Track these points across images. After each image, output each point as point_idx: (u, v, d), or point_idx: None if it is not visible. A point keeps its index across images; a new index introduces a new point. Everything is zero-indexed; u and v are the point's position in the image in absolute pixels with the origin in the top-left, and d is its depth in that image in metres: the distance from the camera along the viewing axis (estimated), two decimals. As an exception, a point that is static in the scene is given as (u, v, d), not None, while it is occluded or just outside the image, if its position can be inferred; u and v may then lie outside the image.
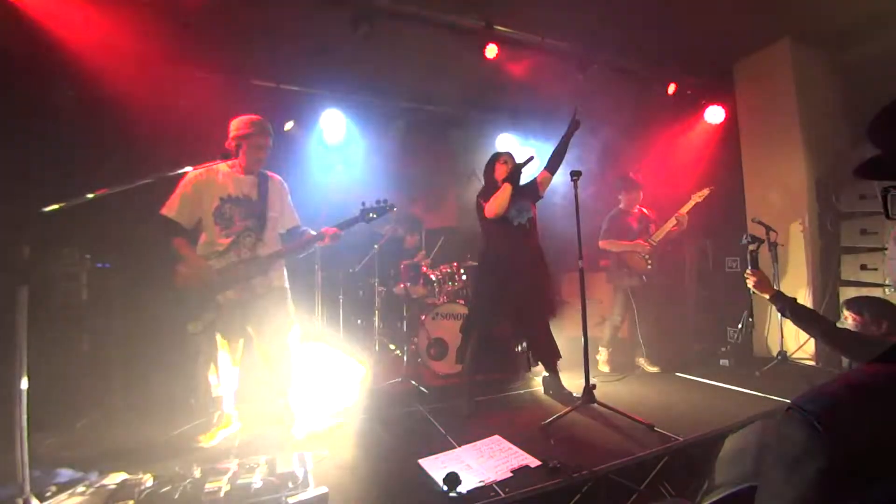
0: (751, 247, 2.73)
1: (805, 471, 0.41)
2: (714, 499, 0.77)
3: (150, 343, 3.41)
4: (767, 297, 1.98)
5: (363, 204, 2.55)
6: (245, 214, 2.36)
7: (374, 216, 2.54)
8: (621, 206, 3.89)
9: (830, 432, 0.41)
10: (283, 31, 3.59)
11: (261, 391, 2.67)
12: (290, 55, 3.89)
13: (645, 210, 3.88)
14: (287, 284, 2.53)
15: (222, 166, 2.39)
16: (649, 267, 3.67)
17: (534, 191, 2.96)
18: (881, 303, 2.10)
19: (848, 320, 2.07)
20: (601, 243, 3.81)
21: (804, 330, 1.87)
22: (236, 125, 2.39)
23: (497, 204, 2.73)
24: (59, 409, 2.56)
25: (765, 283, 2.01)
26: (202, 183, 2.33)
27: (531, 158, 2.80)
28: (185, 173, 2.20)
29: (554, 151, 2.88)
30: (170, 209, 2.29)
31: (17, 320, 1.50)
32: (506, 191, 2.74)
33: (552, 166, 2.91)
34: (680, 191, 3.90)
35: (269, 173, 2.53)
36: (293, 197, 2.62)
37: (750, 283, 2.04)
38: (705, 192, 3.63)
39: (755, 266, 2.16)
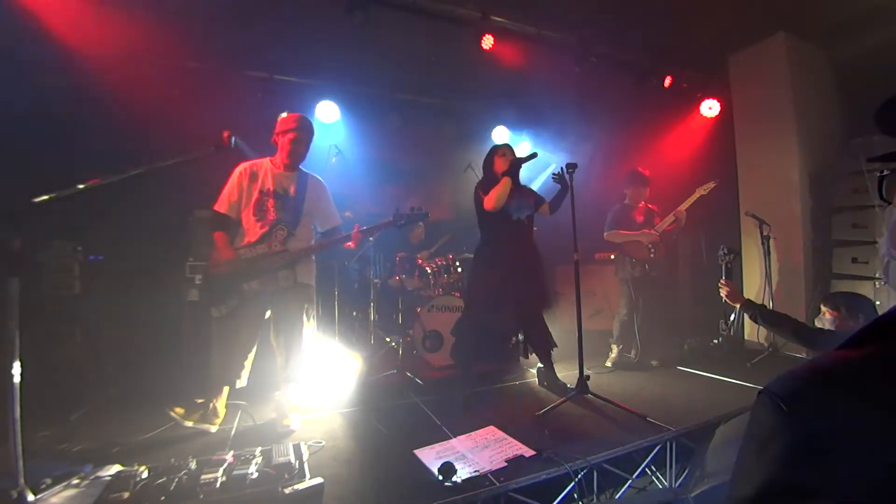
0: (724, 258, 2.81)
1: (773, 450, 0.42)
2: (705, 487, 0.78)
3: (143, 334, 3.40)
4: (738, 306, 2.15)
5: (396, 210, 2.59)
6: (281, 208, 2.41)
7: (405, 223, 2.58)
8: (626, 200, 3.75)
9: (795, 413, 0.42)
10: (276, 21, 3.53)
11: (257, 382, 2.66)
12: (283, 45, 3.84)
13: (650, 205, 3.75)
14: (313, 282, 2.56)
15: (266, 162, 2.48)
16: (652, 255, 3.55)
17: (534, 199, 3.01)
18: (857, 297, 2.20)
19: (826, 316, 2.13)
20: (606, 235, 3.69)
21: (775, 332, 1.96)
22: (279, 122, 2.45)
23: (496, 197, 2.73)
24: (52, 402, 2.55)
25: (735, 293, 2.17)
26: (247, 177, 2.42)
27: (534, 155, 2.81)
28: (177, 163, 2.16)
29: (557, 196, 3.02)
30: (222, 205, 2.41)
31: (8, 313, 1.49)
32: (506, 184, 2.73)
33: (553, 208, 3.04)
34: (674, 184, 3.90)
35: (310, 173, 2.57)
36: None
37: (723, 292, 2.21)
38: (710, 185, 3.48)
39: (728, 277, 2.28)
